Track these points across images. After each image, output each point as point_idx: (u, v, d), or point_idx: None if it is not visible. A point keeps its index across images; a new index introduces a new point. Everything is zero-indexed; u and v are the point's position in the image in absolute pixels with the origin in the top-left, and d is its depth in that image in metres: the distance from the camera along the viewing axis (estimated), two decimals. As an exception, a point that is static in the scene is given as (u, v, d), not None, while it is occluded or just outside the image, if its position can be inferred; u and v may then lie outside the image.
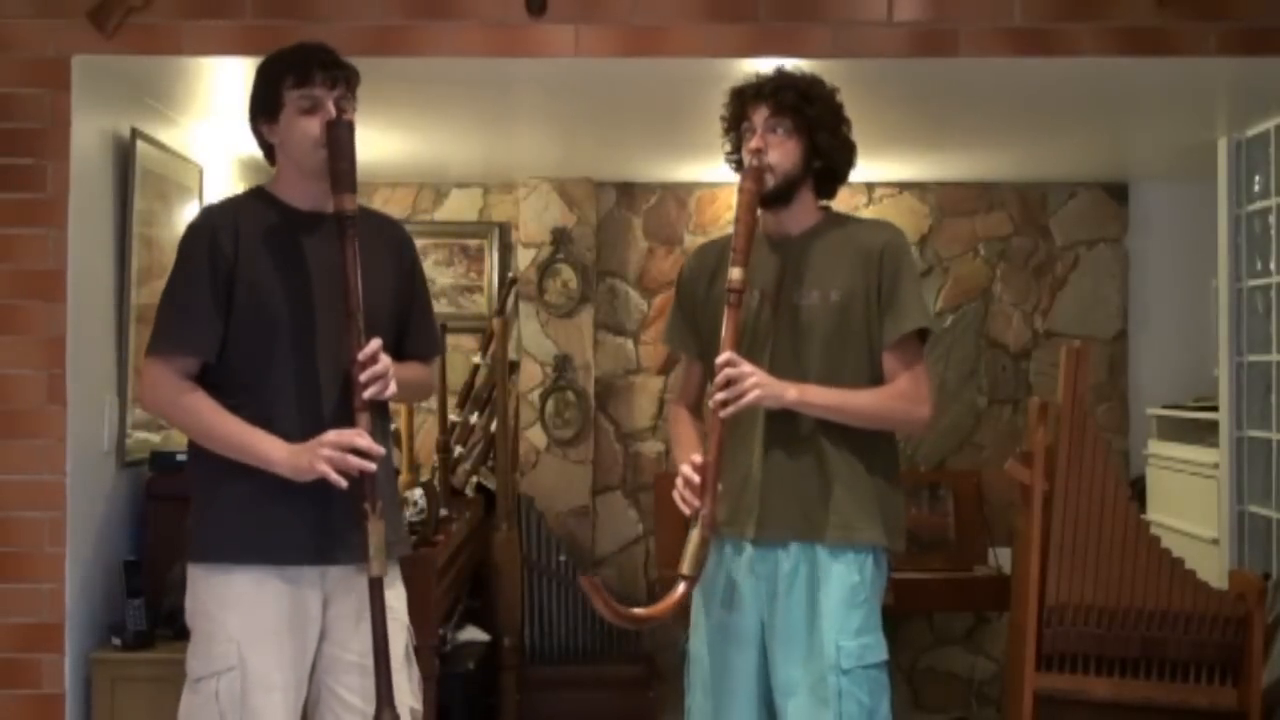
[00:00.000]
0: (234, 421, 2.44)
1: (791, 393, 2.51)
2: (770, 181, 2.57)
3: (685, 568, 2.47)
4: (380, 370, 2.42)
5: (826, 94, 2.64)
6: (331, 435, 2.39)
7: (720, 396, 2.47)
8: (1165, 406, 5.09)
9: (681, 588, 2.47)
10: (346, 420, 2.42)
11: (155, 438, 3.86)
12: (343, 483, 2.37)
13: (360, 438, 2.39)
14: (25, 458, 3.32)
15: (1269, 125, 4.15)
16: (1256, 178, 4.32)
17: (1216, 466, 4.42)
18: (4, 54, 3.33)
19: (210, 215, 2.60)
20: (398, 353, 2.60)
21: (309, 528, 2.45)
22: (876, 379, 2.62)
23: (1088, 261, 5.55)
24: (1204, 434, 4.62)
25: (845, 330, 2.59)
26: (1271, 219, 4.21)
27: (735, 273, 2.50)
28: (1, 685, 3.31)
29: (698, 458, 2.50)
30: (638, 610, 2.48)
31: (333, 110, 2.47)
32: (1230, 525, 4.32)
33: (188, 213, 4.16)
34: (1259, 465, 4.24)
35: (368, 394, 2.41)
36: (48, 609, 3.31)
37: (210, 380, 2.49)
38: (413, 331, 2.67)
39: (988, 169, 5.31)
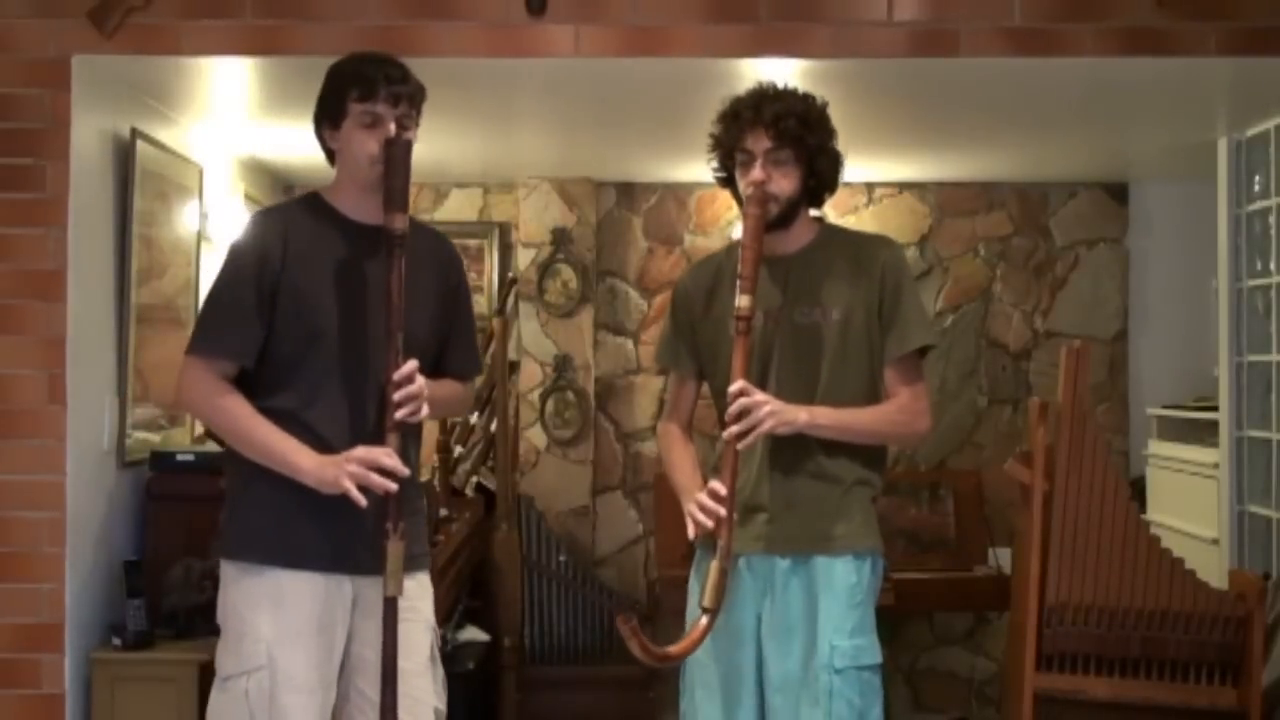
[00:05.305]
0: (266, 427, 2.44)
1: (803, 416, 2.51)
2: (775, 210, 2.57)
3: (706, 600, 2.48)
4: (414, 392, 2.42)
5: (821, 114, 2.62)
6: (360, 452, 2.40)
7: (736, 429, 2.47)
8: (1165, 406, 5.09)
9: (705, 621, 2.48)
10: (381, 437, 2.43)
11: (155, 438, 3.86)
12: (363, 500, 2.37)
13: (387, 457, 2.39)
14: (25, 458, 3.32)
15: (1269, 125, 4.15)
16: (1256, 178, 4.32)
17: (1216, 466, 4.42)
18: (4, 54, 3.34)
19: (260, 219, 2.61)
20: (436, 369, 2.60)
21: (339, 536, 2.46)
22: (877, 393, 2.63)
23: (1088, 261, 5.55)
24: (1204, 434, 4.62)
25: (847, 347, 2.60)
26: (1271, 219, 4.21)
27: (744, 300, 2.49)
28: (1, 685, 3.31)
29: (718, 486, 2.49)
30: (670, 649, 2.48)
31: (393, 129, 2.48)
32: (1230, 525, 4.32)
33: (188, 213, 4.16)
34: (1259, 465, 4.24)
35: (399, 415, 2.41)
36: (48, 609, 3.31)
37: (250, 379, 2.50)
38: (452, 350, 2.67)
39: (988, 169, 5.31)
